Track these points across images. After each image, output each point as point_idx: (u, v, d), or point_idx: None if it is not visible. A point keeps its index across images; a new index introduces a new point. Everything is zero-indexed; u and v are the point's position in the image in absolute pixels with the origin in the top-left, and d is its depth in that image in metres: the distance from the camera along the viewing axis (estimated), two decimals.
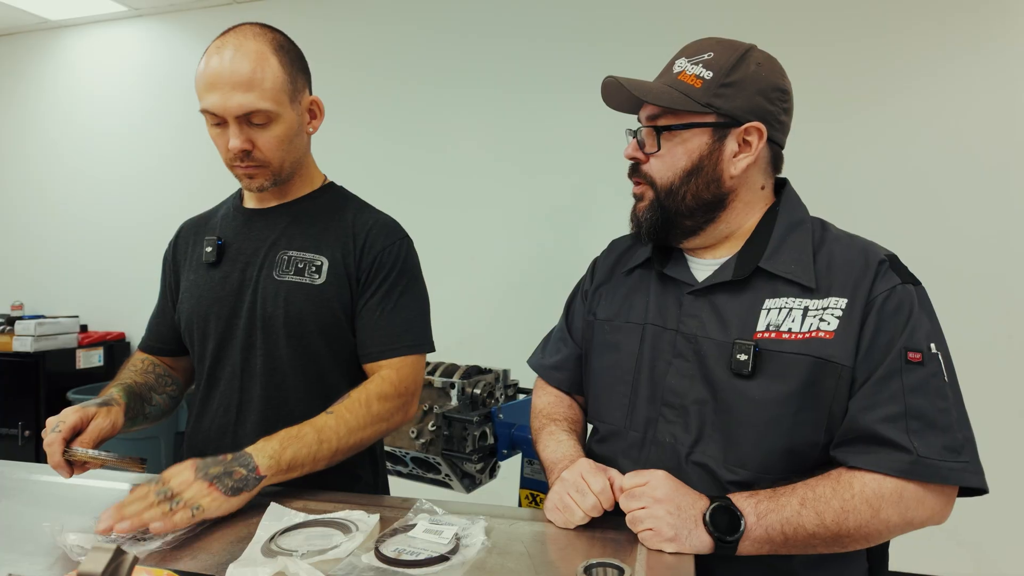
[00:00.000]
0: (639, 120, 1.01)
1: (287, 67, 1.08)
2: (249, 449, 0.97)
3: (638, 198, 1.02)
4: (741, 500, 0.84)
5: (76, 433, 1.00)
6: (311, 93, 1.15)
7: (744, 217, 0.99)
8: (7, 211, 3.76)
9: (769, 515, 0.82)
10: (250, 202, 1.22)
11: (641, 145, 0.99)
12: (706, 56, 0.94)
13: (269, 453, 0.97)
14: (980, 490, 0.84)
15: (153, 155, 3.45)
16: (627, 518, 0.85)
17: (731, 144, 0.94)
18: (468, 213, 2.95)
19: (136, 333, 3.47)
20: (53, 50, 3.63)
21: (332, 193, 1.23)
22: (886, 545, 1.03)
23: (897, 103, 2.39)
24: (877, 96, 2.40)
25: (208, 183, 1.14)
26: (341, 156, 2.96)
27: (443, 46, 2.96)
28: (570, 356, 1.16)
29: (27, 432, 3.20)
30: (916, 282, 0.90)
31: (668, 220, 0.98)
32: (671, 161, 0.96)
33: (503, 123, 2.89)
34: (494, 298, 2.91)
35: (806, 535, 0.82)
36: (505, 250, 2.90)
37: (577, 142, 2.77)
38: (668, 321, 0.99)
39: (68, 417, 0.99)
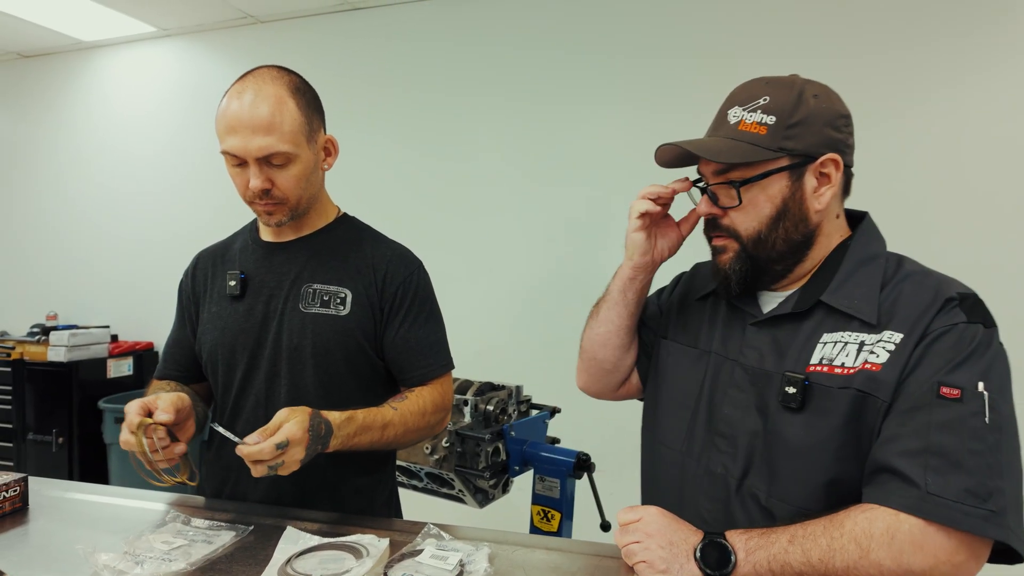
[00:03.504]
0: (700, 173, 1.00)
1: (304, 109, 1.13)
2: (334, 424, 1.05)
3: (719, 250, 0.99)
4: (734, 536, 0.85)
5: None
6: (326, 132, 1.21)
7: (824, 249, 0.97)
8: (43, 225, 3.91)
9: (757, 551, 0.83)
10: (267, 235, 1.26)
11: (714, 199, 0.97)
12: (762, 101, 0.93)
13: (342, 438, 1.06)
14: (1017, 554, 0.76)
15: (181, 171, 3.56)
16: (622, 552, 0.88)
17: (810, 180, 0.93)
18: (487, 223, 2.98)
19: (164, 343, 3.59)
20: (86, 70, 3.77)
21: (347, 225, 1.28)
22: None
23: (934, 108, 2.35)
24: (914, 102, 2.36)
25: (234, 199, 1.20)
26: (363, 165, 3.04)
27: (465, 58, 2.99)
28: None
29: (61, 439, 3.32)
30: (989, 324, 0.84)
31: (758, 268, 0.96)
32: (755, 212, 0.94)
33: (524, 135, 2.91)
34: (512, 310, 2.94)
35: (793, 573, 0.81)
36: (522, 262, 2.92)
37: (596, 155, 2.78)
38: (730, 351, 1.00)
39: (133, 406, 1.02)
